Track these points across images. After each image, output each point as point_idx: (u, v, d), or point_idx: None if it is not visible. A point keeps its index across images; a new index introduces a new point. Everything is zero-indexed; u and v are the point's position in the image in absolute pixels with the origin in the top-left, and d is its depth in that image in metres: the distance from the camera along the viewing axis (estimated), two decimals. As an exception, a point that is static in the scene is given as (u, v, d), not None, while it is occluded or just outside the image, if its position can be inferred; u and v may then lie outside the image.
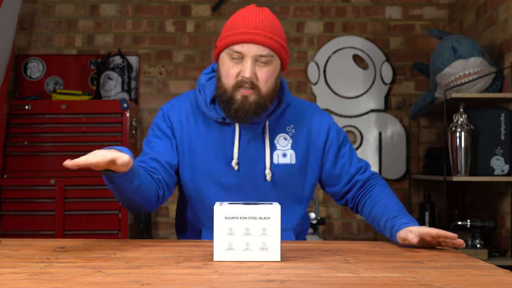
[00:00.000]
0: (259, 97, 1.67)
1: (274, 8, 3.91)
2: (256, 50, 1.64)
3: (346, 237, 3.87)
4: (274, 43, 1.66)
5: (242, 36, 1.64)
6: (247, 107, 1.67)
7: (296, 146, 1.79)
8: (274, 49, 1.66)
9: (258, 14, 1.68)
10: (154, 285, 1.09)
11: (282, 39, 1.70)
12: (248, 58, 1.64)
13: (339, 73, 3.90)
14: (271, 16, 1.70)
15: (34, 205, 3.40)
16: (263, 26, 1.65)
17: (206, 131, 1.77)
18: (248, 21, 1.66)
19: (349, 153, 1.84)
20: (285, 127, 1.79)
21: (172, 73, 3.92)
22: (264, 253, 1.35)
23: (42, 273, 1.19)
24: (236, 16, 1.70)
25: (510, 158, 3.00)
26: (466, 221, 3.04)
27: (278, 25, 1.70)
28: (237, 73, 1.66)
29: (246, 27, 1.65)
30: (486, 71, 3.08)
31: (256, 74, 1.66)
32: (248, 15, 1.67)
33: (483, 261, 1.37)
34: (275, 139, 1.78)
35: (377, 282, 1.14)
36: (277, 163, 1.76)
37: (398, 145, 3.86)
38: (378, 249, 1.56)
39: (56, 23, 3.91)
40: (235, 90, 1.67)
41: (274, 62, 1.68)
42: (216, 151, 1.75)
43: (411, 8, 3.93)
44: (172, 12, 3.92)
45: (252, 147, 1.75)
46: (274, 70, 1.69)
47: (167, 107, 1.82)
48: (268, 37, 1.65)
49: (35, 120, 3.42)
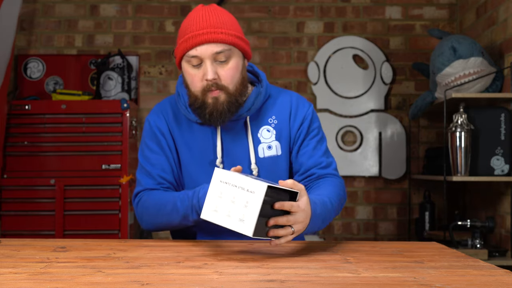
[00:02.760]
0: (229, 95, 1.66)
1: (274, 8, 3.91)
2: (211, 49, 1.62)
3: (346, 237, 3.86)
4: (226, 36, 1.63)
5: (193, 40, 1.62)
6: (220, 108, 1.66)
7: (280, 136, 1.77)
8: (229, 42, 1.64)
9: (204, 13, 1.65)
10: (154, 285, 1.09)
11: (235, 30, 1.67)
12: (206, 59, 1.63)
13: (339, 73, 3.90)
14: (218, 11, 1.67)
15: (34, 205, 3.40)
16: (211, 24, 1.63)
17: (189, 134, 1.76)
18: (195, 23, 1.64)
19: (315, 145, 1.78)
20: (267, 119, 1.77)
21: (172, 73, 3.92)
22: (240, 225, 1.35)
23: (42, 273, 1.19)
24: (185, 21, 1.68)
25: (510, 158, 3.00)
26: (466, 221, 3.04)
27: (227, 18, 1.67)
28: (201, 78, 1.64)
29: (194, 29, 1.63)
30: (486, 71, 3.08)
31: (219, 74, 1.64)
32: (195, 17, 1.65)
33: (483, 261, 1.37)
34: (259, 133, 1.76)
35: (377, 282, 1.14)
36: (263, 156, 1.75)
37: (398, 145, 3.86)
38: (378, 249, 1.56)
39: (56, 23, 3.91)
40: (205, 94, 1.65)
41: (234, 55, 1.66)
42: (200, 153, 1.75)
43: (411, 8, 3.93)
44: (172, 12, 3.92)
45: (235, 144, 1.75)
46: (237, 64, 1.67)
47: (153, 117, 1.81)
48: (218, 32, 1.62)
49: (35, 120, 3.42)
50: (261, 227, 1.36)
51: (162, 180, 1.75)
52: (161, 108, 1.82)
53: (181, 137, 1.77)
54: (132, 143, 3.52)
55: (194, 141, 1.76)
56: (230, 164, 1.74)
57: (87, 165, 3.41)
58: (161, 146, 1.77)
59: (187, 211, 1.61)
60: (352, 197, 3.87)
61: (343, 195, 1.73)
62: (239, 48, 1.67)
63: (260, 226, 1.35)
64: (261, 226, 1.36)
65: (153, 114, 1.81)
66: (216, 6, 1.69)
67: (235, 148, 1.75)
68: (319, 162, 1.76)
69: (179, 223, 1.66)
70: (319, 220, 1.54)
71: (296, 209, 1.41)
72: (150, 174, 1.76)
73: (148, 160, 1.77)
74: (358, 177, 3.88)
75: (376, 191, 3.88)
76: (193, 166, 1.75)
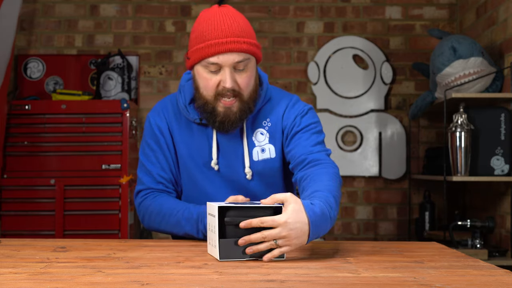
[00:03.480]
0: (242, 103, 1.66)
1: (274, 8, 3.91)
2: (232, 58, 1.60)
3: (346, 237, 3.86)
4: (248, 46, 1.62)
5: (216, 48, 1.60)
6: (232, 117, 1.66)
7: (273, 139, 1.76)
8: (250, 52, 1.63)
9: (224, 18, 1.62)
10: (154, 285, 1.09)
11: (253, 38, 1.66)
12: (226, 67, 1.61)
13: (339, 73, 3.90)
14: (237, 16, 1.65)
15: (34, 205, 3.40)
16: (234, 32, 1.61)
17: (188, 133, 1.77)
18: (216, 29, 1.61)
19: (307, 137, 1.72)
20: (261, 122, 1.77)
21: (172, 73, 3.92)
22: (215, 251, 1.38)
23: (42, 273, 1.19)
24: (204, 23, 1.64)
25: (510, 158, 3.00)
26: (466, 221, 3.04)
27: (246, 24, 1.65)
28: (216, 84, 1.63)
29: (217, 36, 1.60)
30: (486, 71, 3.08)
31: (237, 82, 1.63)
32: (215, 21, 1.62)
33: (483, 261, 1.37)
34: (253, 136, 1.76)
35: (377, 282, 1.14)
36: (257, 159, 1.74)
37: (398, 145, 3.86)
38: (378, 249, 1.56)
39: (56, 23, 3.91)
40: (217, 100, 1.64)
41: (251, 63, 1.66)
42: (198, 152, 1.75)
43: (411, 8, 3.93)
44: (172, 12, 3.92)
45: (231, 146, 1.75)
46: (252, 72, 1.67)
47: (153, 115, 1.81)
48: (241, 42, 1.61)
49: (35, 120, 3.42)
50: (234, 249, 1.35)
51: (161, 179, 1.77)
52: (162, 106, 1.82)
53: (180, 136, 1.77)
54: (132, 143, 3.52)
55: (192, 141, 1.76)
56: (225, 166, 1.74)
57: (87, 165, 3.41)
58: (160, 145, 1.78)
59: (192, 232, 1.65)
60: (352, 197, 3.87)
61: (339, 182, 1.61)
62: (256, 56, 1.68)
63: (232, 249, 1.35)
64: (233, 248, 1.35)
65: (154, 112, 1.82)
66: (232, 9, 1.67)
67: (231, 150, 1.75)
68: (310, 150, 1.69)
69: (182, 236, 1.71)
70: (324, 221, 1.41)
71: (271, 223, 1.33)
72: (150, 172, 1.77)
73: (148, 158, 1.79)
74: (358, 177, 3.88)
75: (376, 191, 3.88)
76: (191, 165, 1.76)
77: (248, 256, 1.35)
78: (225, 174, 1.75)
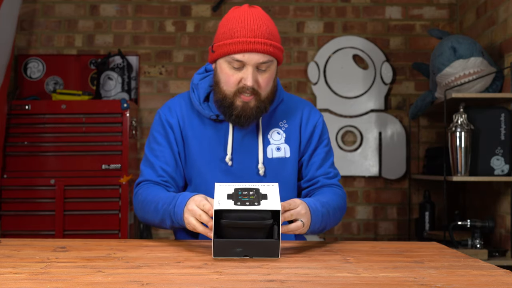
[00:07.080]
0: (259, 101, 1.70)
1: (274, 8, 3.92)
2: (257, 58, 1.65)
3: (346, 237, 3.87)
4: (273, 49, 1.67)
5: (243, 46, 1.64)
6: (248, 112, 1.70)
7: (289, 140, 1.81)
8: (274, 55, 1.68)
9: (255, 18, 1.67)
10: (154, 285, 1.09)
11: (279, 41, 1.71)
12: (250, 66, 1.66)
13: (339, 73, 3.90)
14: (266, 19, 1.70)
15: (34, 205, 3.40)
16: (263, 33, 1.66)
17: (201, 129, 1.79)
18: (246, 27, 1.66)
19: (324, 156, 1.85)
20: (277, 122, 1.82)
21: (172, 73, 3.92)
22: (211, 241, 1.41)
23: (42, 273, 1.19)
24: (233, 20, 1.69)
25: (510, 158, 3.00)
26: (466, 221, 3.04)
27: (273, 27, 1.71)
28: (238, 80, 1.68)
29: (246, 35, 1.65)
30: (486, 71, 3.08)
31: (257, 81, 1.68)
32: (245, 20, 1.67)
33: (483, 261, 1.37)
34: (269, 134, 1.80)
35: (377, 282, 1.14)
36: (271, 157, 1.78)
37: (398, 145, 3.86)
38: (378, 249, 1.56)
39: (56, 23, 3.91)
40: (236, 96, 1.69)
41: (273, 65, 1.71)
42: (210, 148, 1.78)
43: (411, 8, 3.93)
44: (172, 12, 3.92)
45: (245, 143, 1.78)
46: (273, 74, 1.72)
47: (164, 110, 1.84)
48: (268, 44, 1.66)
49: (35, 120, 3.42)
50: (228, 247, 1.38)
51: (163, 172, 1.78)
52: (174, 103, 1.85)
53: (192, 132, 1.79)
54: (132, 143, 3.53)
55: (205, 137, 1.79)
56: (238, 162, 1.77)
57: (87, 165, 3.41)
58: (168, 139, 1.80)
59: (164, 215, 1.63)
60: (352, 197, 3.87)
61: (343, 204, 1.78)
62: (279, 59, 1.72)
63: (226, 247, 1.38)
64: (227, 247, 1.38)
65: (165, 108, 1.85)
66: (262, 11, 1.72)
67: (245, 147, 1.78)
68: (327, 172, 1.83)
69: (159, 224, 1.68)
70: (319, 217, 1.58)
71: (293, 204, 1.51)
72: (153, 165, 1.79)
73: (153, 152, 1.81)
74: (358, 177, 3.88)
75: (376, 191, 3.88)
76: (202, 161, 1.78)
77: (242, 254, 1.38)
78: (237, 170, 1.77)
